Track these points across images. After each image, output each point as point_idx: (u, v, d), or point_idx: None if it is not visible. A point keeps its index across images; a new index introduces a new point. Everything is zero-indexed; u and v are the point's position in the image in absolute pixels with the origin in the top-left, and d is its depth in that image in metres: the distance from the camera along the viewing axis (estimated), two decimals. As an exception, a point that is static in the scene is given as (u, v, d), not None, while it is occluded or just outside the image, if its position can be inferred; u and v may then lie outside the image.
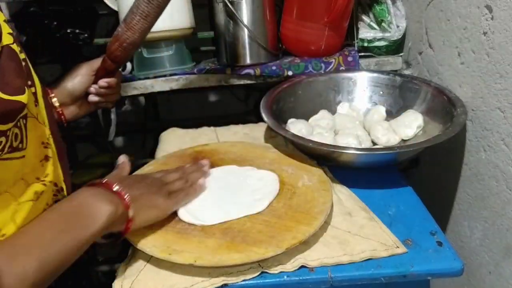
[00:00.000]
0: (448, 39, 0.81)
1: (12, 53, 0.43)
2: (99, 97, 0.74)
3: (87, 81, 0.72)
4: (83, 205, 0.49)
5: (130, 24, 0.65)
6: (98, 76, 0.72)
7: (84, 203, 0.49)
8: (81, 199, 0.50)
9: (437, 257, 0.56)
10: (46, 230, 0.46)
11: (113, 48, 0.68)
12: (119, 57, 0.69)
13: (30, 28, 1.02)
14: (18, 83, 0.41)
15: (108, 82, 0.72)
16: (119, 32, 0.66)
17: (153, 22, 0.67)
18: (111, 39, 0.68)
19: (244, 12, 0.96)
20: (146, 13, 0.64)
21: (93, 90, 0.73)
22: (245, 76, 0.98)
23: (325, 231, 0.60)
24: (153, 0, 0.63)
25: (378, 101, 0.91)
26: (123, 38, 0.66)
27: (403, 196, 0.69)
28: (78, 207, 0.49)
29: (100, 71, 0.72)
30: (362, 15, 1.03)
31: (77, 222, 0.48)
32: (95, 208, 0.49)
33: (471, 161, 0.76)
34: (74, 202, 0.50)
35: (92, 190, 0.51)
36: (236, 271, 0.54)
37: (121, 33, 0.66)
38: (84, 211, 0.48)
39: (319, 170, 0.71)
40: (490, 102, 0.69)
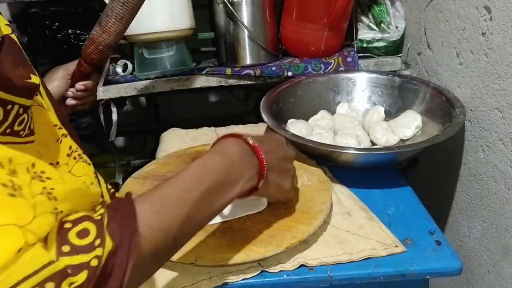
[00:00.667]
0: (447, 40, 0.82)
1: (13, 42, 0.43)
2: (76, 100, 0.74)
3: (64, 85, 0.72)
4: (231, 164, 0.47)
5: (105, 27, 0.65)
6: (75, 79, 0.73)
7: (232, 161, 0.48)
8: (230, 157, 0.48)
9: (436, 257, 0.57)
10: (195, 186, 0.44)
11: (89, 51, 0.68)
12: (95, 60, 0.70)
13: (31, 29, 1.02)
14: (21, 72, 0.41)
15: (85, 85, 0.73)
16: (94, 35, 0.66)
17: (128, 24, 0.67)
18: (86, 42, 0.68)
19: (244, 13, 0.96)
20: (121, 15, 0.64)
21: (70, 94, 0.73)
22: (245, 76, 0.98)
23: (324, 231, 0.60)
24: (127, 2, 0.62)
25: (377, 101, 0.91)
26: (98, 41, 0.66)
27: (402, 196, 0.70)
28: (226, 165, 0.47)
29: (76, 74, 0.72)
30: (361, 16, 1.03)
31: (224, 183, 0.46)
32: (240, 171, 0.48)
33: (469, 161, 0.76)
34: (223, 159, 0.48)
35: (241, 148, 0.50)
36: (236, 270, 0.54)
37: (96, 36, 0.66)
38: (230, 172, 0.47)
39: (318, 170, 0.71)
40: (488, 102, 0.69)
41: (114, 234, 0.35)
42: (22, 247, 0.29)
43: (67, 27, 1.03)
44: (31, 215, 0.31)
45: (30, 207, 0.32)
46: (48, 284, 0.30)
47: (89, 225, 0.35)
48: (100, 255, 0.34)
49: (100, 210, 0.37)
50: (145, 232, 0.38)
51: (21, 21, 1.04)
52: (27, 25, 1.03)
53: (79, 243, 0.34)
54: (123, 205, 0.39)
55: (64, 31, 1.02)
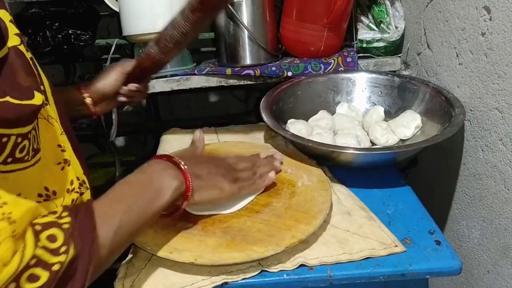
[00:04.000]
0: (447, 40, 0.82)
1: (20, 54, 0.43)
2: (126, 98, 0.77)
3: (119, 83, 0.75)
4: (153, 179, 0.52)
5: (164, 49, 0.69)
6: (129, 79, 0.76)
7: (154, 176, 0.52)
8: (150, 172, 0.53)
9: (436, 256, 0.57)
10: (120, 202, 0.48)
11: (146, 65, 0.73)
12: (151, 72, 0.76)
13: (32, 29, 1.02)
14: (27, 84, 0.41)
15: (137, 87, 0.76)
16: (151, 53, 0.70)
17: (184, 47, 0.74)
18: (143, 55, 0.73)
19: (244, 13, 0.96)
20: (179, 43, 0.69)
21: (123, 92, 0.76)
22: (245, 76, 0.99)
23: (324, 230, 0.61)
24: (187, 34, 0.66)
25: (377, 101, 0.92)
26: (156, 59, 0.71)
27: (402, 196, 0.70)
28: (148, 181, 0.52)
29: (131, 77, 0.76)
30: (361, 16, 1.04)
31: (147, 194, 0.50)
32: (163, 183, 0.51)
33: (469, 161, 0.77)
34: (144, 176, 0.53)
35: (161, 164, 0.54)
36: (236, 269, 0.55)
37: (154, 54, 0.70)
38: (153, 184, 0.51)
39: (318, 170, 0.71)
40: (488, 102, 0.69)
41: (77, 243, 0.39)
42: None
43: (67, 28, 1.03)
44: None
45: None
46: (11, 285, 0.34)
47: (57, 232, 0.38)
48: (63, 261, 0.37)
49: (66, 219, 0.40)
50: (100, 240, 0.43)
51: (21, 21, 1.04)
52: (27, 25, 1.03)
53: (48, 246, 0.37)
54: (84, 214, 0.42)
55: (65, 31, 1.03)
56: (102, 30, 1.22)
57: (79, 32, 1.03)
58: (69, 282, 0.38)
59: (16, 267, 0.34)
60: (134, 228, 0.48)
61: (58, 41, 1.02)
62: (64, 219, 0.40)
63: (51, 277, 0.36)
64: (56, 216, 0.40)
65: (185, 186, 0.54)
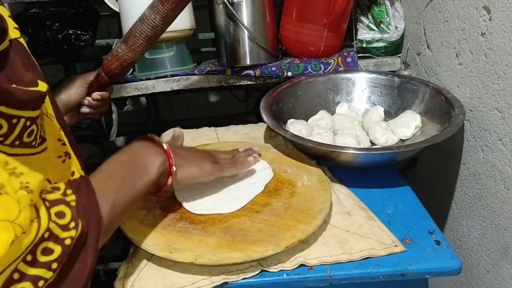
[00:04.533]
0: (446, 40, 0.82)
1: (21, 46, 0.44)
2: (90, 109, 0.76)
3: (81, 93, 0.75)
4: (138, 156, 0.53)
5: (132, 46, 0.69)
6: (92, 89, 0.74)
7: (138, 154, 0.54)
8: (135, 150, 0.54)
9: (435, 256, 0.57)
10: (112, 178, 0.49)
11: (113, 67, 0.71)
12: (118, 75, 0.74)
13: (32, 29, 1.02)
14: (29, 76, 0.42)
15: (101, 95, 0.75)
16: (119, 52, 0.69)
17: (152, 43, 0.72)
18: (109, 57, 0.70)
19: (244, 14, 0.96)
20: (149, 37, 0.68)
21: (86, 102, 0.75)
22: (245, 76, 0.99)
23: (324, 230, 0.61)
24: (157, 27, 0.66)
25: (376, 101, 0.92)
26: (124, 59, 0.70)
27: (402, 196, 0.70)
28: (133, 157, 0.53)
29: (94, 85, 0.74)
30: (361, 16, 1.04)
31: (134, 171, 0.52)
32: (148, 159, 0.53)
33: (469, 161, 0.77)
34: (129, 154, 0.54)
35: (144, 143, 0.55)
36: (236, 269, 0.55)
37: (122, 54, 0.69)
38: (139, 161, 0.53)
39: (318, 170, 0.71)
40: (488, 102, 0.69)
41: (84, 219, 0.41)
42: (14, 240, 0.33)
43: (68, 28, 1.03)
44: (17, 210, 0.35)
45: (16, 202, 0.35)
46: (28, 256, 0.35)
47: (65, 209, 0.40)
48: (73, 236, 0.39)
49: (72, 196, 0.42)
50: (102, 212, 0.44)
51: (22, 22, 1.04)
52: (27, 25, 1.03)
53: (57, 221, 0.39)
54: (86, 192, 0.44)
55: (65, 31, 1.02)
56: (102, 30, 1.22)
57: (79, 32, 1.03)
58: (81, 256, 0.40)
59: (33, 237, 0.36)
60: (126, 203, 0.49)
61: (58, 41, 1.02)
62: (69, 196, 0.41)
63: (64, 250, 0.38)
64: (61, 193, 0.41)
65: (168, 163, 0.55)
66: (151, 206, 0.63)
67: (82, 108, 0.75)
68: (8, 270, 0.34)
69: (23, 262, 0.35)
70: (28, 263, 0.35)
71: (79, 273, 0.40)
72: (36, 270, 0.36)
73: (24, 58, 0.43)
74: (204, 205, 0.63)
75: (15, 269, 0.35)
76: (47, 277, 0.36)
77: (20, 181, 0.37)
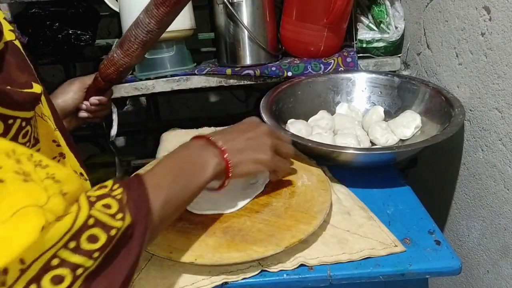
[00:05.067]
0: (446, 40, 0.82)
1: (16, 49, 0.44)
2: (88, 113, 0.75)
3: (79, 97, 0.74)
4: (195, 155, 0.53)
5: (127, 51, 0.68)
6: (90, 93, 0.74)
7: (195, 153, 0.54)
8: (193, 150, 0.54)
9: (435, 256, 0.57)
10: (167, 176, 0.49)
11: (109, 72, 0.71)
12: (114, 80, 0.73)
13: (32, 29, 1.03)
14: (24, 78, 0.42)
15: (99, 100, 0.74)
16: (114, 57, 0.68)
17: (149, 48, 0.72)
18: (105, 62, 0.70)
19: (244, 14, 0.96)
20: (144, 42, 0.67)
21: (84, 106, 0.75)
22: (245, 76, 0.99)
23: (324, 230, 0.61)
24: (152, 31, 0.65)
25: (376, 101, 0.92)
26: (119, 64, 0.69)
27: (402, 196, 0.70)
28: (190, 156, 0.53)
29: (92, 89, 0.74)
30: (361, 16, 1.04)
31: (190, 169, 0.52)
32: (204, 159, 0.53)
33: (469, 161, 0.77)
34: (187, 151, 0.54)
35: (201, 142, 0.55)
36: (236, 269, 0.55)
37: (118, 58, 0.69)
38: (196, 160, 0.53)
39: (318, 170, 0.71)
40: (488, 102, 0.69)
41: (132, 211, 0.40)
42: (44, 225, 0.32)
43: (68, 28, 1.03)
44: (45, 196, 0.34)
45: (43, 189, 0.34)
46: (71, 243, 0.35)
47: (111, 201, 0.40)
48: (119, 227, 0.38)
49: (119, 190, 0.41)
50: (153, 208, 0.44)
51: (22, 22, 1.04)
52: (27, 25, 1.03)
53: (104, 211, 0.38)
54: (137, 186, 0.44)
55: (65, 31, 1.03)
56: (102, 30, 1.22)
57: (79, 32, 1.03)
58: (125, 248, 0.39)
59: (69, 226, 0.35)
60: (180, 201, 0.49)
61: (58, 41, 1.02)
62: (116, 191, 0.41)
63: (108, 240, 0.37)
64: (108, 190, 0.41)
65: (224, 164, 0.55)
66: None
67: (80, 112, 0.75)
68: (46, 255, 0.33)
69: (65, 249, 0.34)
70: (71, 250, 0.35)
71: (121, 266, 0.39)
72: (78, 257, 0.35)
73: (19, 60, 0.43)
74: (204, 205, 0.63)
75: (54, 255, 0.34)
76: (87, 265, 0.36)
77: (46, 172, 0.36)
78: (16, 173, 0.33)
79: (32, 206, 0.33)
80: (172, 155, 0.53)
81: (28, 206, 0.32)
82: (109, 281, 0.37)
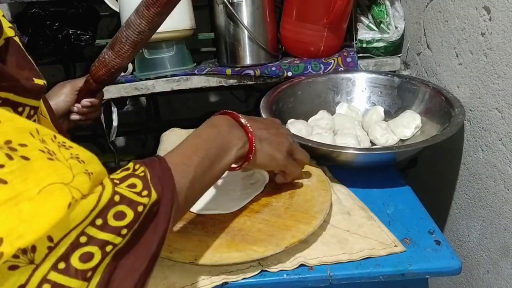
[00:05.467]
0: (446, 40, 0.82)
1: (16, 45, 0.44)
2: (80, 116, 0.75)
3: (70, 100, 0.74)
4: (221, 135, 0.53)
5: (119, 52, 0.68)
6: (81, 95, 0.74)
7: (222, 132, 0.53)
8: (219, 128, 0.54)
9: (435, 256, 0.57)
10: (194, 155, 0.48)
11: (100, 73, 0.70)
12: (106, 81, 0.73)
13: (32, 29, 1.03)
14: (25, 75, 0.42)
15: (91, 101, 0.74)
16: (106, 59, 0.68)
17: (140, 49, 0.72)
18: (96, 63, 0.70)
19: (244, 14, 0.96)
20: (136, 43, 0.67)
21: (76, 109, 0.75)
22: (245, 76, 0.99)
23: (324, 230, 0.61)
24: (143, 32, 0.65)
25: (376, 101, 0.92)
26: (111, 65, 0.69)
27: (402, 196, 0.70)
28: (217, 136, 0.53)
29: (83, 91, 0.74)
30: (361, 16, 1.04)
31: (217, 150, 0.51)
32: (231, 139, 0.53)
33: (469, 161, 0.77)
34: (213, 130, 0.53)
35: (229, 122, 0.55)
36: (236, 269, 0.55)
37: (109, 60, 0.68)
38: (222, 141, 0.52)
39: (318, 170, 0.71)
40: (488, 102, 0.69)
41: (157, 188, 0.40)
42: (71, 202, 0.32)
43: (68, 28, 1.03)
44: (70, 174, 0.34)
45: (68, 168, 0.34)
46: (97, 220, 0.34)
47: (135, 181, 0.39)
48: (146, 203, 0.38)
49: (141, 168, 0.41)
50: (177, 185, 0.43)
51: (22, 21, 1.04)
52: (27, 25, 1.03)
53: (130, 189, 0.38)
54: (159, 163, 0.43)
55: (65, 31, 1.03)
56: (102, 30, 1.22)
57: (79, 32, 1.03)
58: (152, 224, 0.39)
59: (95, 203, 0.34)
60: (205, 181, 0.49)
61: (58, 41, 1.02)
62: (138, 170, 0.41)
63: (136, 216, 0.37)
64: (130, 171, 0.41)
65: (248, 147, 0.55)
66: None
67: (72, 115, 0.75)
68: (74, 233, 0.33)
69: (92, 226, 0.34)
70: (98, 227, 0.34)
71: (149, 241, 0.39)
72: (105, 234, 0.35)
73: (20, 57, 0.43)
74: (204, 205, 0.63)
75: (82, 232, 0.33)
76: (116, 242, 0.35)
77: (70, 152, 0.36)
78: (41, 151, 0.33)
79: (58, 183, 0.32)
80: (199, 133, 0.52)
81: (54, 183, 0.32)
82: (137, 258, 0.37)
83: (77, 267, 0.33)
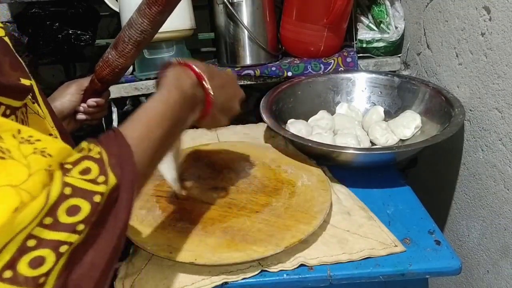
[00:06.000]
0: (446, 40, 0.82)
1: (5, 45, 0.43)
2: (86, 116, 0.75)
3: (76, 100, 0.74)
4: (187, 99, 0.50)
5: (122, 52, 0.68)
6: (87, 95, 0.74)
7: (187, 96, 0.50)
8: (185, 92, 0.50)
9: (435, 256, 0.57)
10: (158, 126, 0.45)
11: (104, 73, 0.70)
12: (110, 81, 0.73)
13: (32, 29, 1.03)
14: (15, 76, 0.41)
15: (97, 101, 0.74)
16: (109, 58, 0.68)
17: (143, 48, 0.71)
18: (100, 63, 0.70)
19: (244, 14, 0.96)
20: (139, 42, 0.67)
21: (82, 109, 0.75)
22: (245, 76, 0.99)
23: (324, 230, 0.61)
24: (145, 31, 0.65)
25: (376, 101, 0.92)
26: (115, 65, 0.69)
27: (402, 196, 0.70)
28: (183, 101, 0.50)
29: (88, 91, 0.74)
30: (361, 16, 1.04)
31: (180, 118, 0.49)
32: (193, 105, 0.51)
33: (469, 161, 0.77)
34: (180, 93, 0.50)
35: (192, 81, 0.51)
36: (236, 269, 0.55)
37: (113, 60, 0.68)
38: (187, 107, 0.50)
39: (318, 170, 0.71)
40: (488, 102, 0.69)
41: (116, 170, 0.36)
42: (18, 206, 0.30)
43: (68, 28, 1.03)
44: (25, 174, 0.32)
45: (24, 167, 0.32)
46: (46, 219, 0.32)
47: (90, 164, 0.36)
48: (103, 192, 0.35)
49: (96, 149, 0.38)
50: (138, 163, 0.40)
51: (22, 21, 1.04)
52: (27, 25, 1.03)
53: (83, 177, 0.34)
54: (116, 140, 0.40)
55: (65, 31, 1.03)
56: (102, 30, 1.22)
57: (79, 32, 1.03)
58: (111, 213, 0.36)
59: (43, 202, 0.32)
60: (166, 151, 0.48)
61: (58, 41, 1.02)
62: (93, 151, 0.37)
63: (92, 209, 0.34)
64: (85, 153, 0.37)
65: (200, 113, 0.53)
66: (151, 206, 0.63)
67: (78, 115, 0.75)
68: (19, 237, 0.30)
69: (40, 226, 0.31)
70: (48, 227, 0.31)
71: (110, 234, 0.35)
72: (58, 234, 0.32)
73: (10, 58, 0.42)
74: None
75: (29, 235, 0.30)
76: (71, 240, 0.32)
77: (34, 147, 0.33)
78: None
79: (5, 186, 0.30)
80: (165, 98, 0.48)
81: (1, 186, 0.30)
82: (97, 253, 0.34)
83: (27, 274, 0.30)
